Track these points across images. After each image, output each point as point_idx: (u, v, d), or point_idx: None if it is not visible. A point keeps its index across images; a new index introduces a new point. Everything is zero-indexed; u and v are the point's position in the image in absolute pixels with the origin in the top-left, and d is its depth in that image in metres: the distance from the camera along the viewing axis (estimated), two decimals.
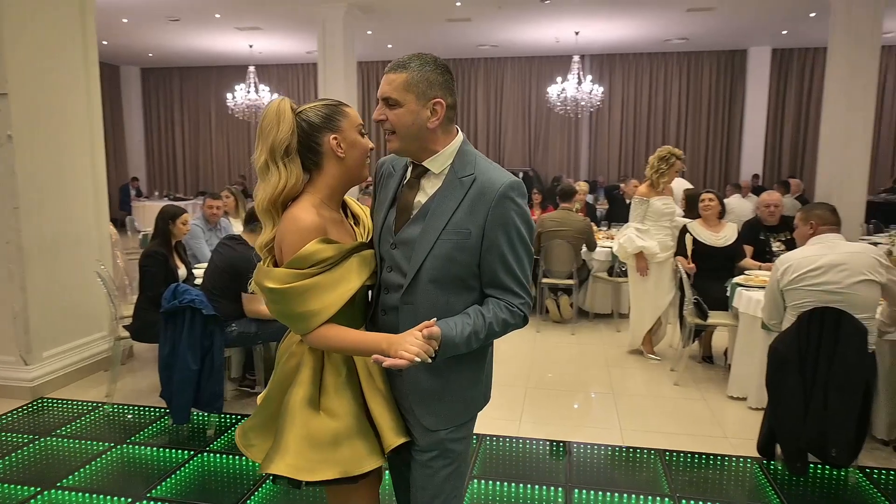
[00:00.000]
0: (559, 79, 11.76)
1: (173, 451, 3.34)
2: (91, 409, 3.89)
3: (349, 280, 1.52)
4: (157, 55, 13.52)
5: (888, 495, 2.90)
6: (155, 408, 3.88)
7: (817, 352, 2.94)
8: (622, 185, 8.80)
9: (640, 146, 13.52)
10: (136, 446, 3.41)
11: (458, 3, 9.11)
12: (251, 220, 3.85)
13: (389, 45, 12.51)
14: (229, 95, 12.59)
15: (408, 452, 1.62)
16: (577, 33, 11.10)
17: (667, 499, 2.86)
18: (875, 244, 4.59)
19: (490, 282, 1.51)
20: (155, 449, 3.38)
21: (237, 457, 3.28)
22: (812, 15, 9.69)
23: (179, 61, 14.30)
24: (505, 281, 1.50)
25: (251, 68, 12.38)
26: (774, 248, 4.72)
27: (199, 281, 4.02)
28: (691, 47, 12.57)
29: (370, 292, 1.66)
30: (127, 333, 3.92)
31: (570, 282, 5.67)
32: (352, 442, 1.53)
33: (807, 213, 3.23)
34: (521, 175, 11.22)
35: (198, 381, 3.41)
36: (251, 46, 12.26)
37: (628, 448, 3.38)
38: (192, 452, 3.31)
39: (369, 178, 1.72)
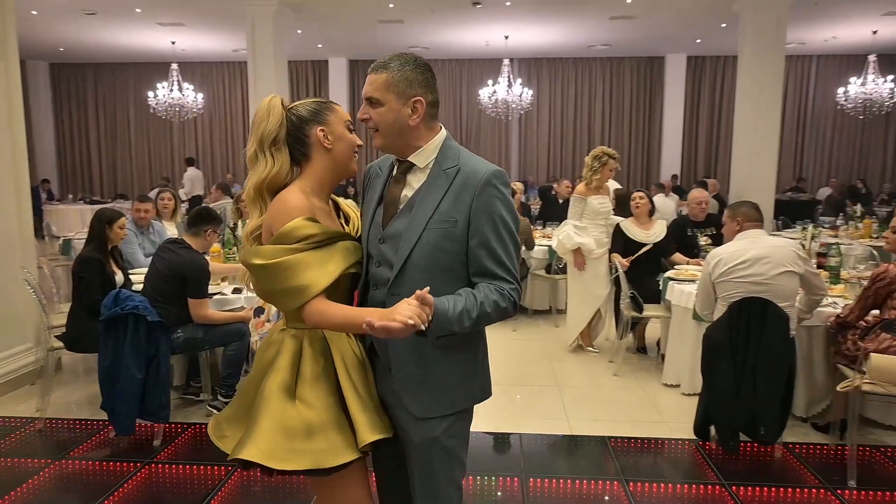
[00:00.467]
0: (490, 81, 12.00)
1: (118, 464, 3.21)
2: (21, 426, 3.67)
3: (335, 261, 1.54)
4: (68, 50, 12.76)
5: (808, 466, 3.19)
6: (93, 420, 3.70)
7: (746, 339, 3.19)
8: (555, 186, 9.09)
9: (567, 147, 13.99)
10: (76, 461, 3.25)
11: (392, 5, 9.14)
12: (194, 223, 3.75)
13: (319, 45, 12.36)
14: (150, 94, 12.06)
15: (392, 447, 1.64)
16: (506, 37, 11.36)
17: (615, 481, 3.02)
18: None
19: (477, 270, 1.53)
20: (97, 463, 3.23)
21: (188, 466, 3.19)
22: (723, 26, 10.36)
23: (93, 57, 13.54)
24: (492, 268, 1.51)
25: (174, 65, 11.90)
26: (701, 243, 5.04)
27: (136, 287, 3.87)
28: (614, 53, 13.12)
29: (355, 293, 1.68)
30: (60, 344, 3.73)
31: None
32: (326, 434, 1.53)
33: (734, 211, 3.48)
34: None
35: (142, 389, 3.29)
36: (173, 43, 11.80)
37: (576, 436, 3.54)
38: (138, 464, 3.20)
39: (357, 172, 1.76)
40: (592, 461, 3.28)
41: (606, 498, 2.92)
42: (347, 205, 1.75)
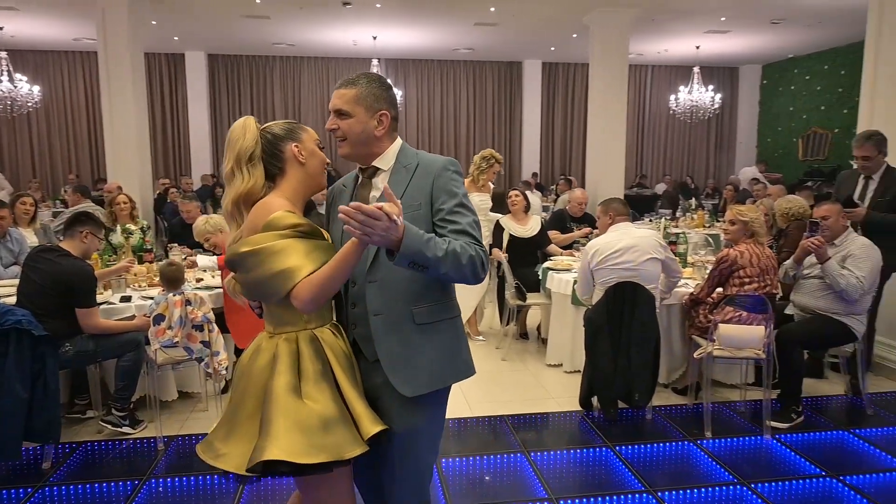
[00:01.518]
0: None
1: (4, 492, 2.96)
2: None
3: (320, 251, 1.62)
4: None
5: (674, 423, 3.72)
6: None
7: (621, 318, 3.65)
8: None
9: (434, 147, 14.35)
10: None
11: (258, 1, 8.90)
12: (70, 226, 3.52)
13: (176, 38, 11.66)
14: None
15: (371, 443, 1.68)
16: (374, 38, 11.48)
17: (519, 454, 3.33)
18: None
19: None
20: None
21: (87, 486, 3.02)
22: (574, 36, 11.27)
23: None
24: (454, 238, 1.63)
25: (3, 54, 10.62)
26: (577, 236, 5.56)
27: (3, 300, 3.53)
28: (476, 57, 13.72)
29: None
30: None
31: None
32: (338, 427, 1.59)
33: (606, 207, 3.95)
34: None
35: (28, 409, 3.05)
36: (1, 28, 10.52)
37: (479, 418, 3.82)
38: (29, 490, 2.97)
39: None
40: (496, 438, 3.57)
41: (513, 468, 3.21)
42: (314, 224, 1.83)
